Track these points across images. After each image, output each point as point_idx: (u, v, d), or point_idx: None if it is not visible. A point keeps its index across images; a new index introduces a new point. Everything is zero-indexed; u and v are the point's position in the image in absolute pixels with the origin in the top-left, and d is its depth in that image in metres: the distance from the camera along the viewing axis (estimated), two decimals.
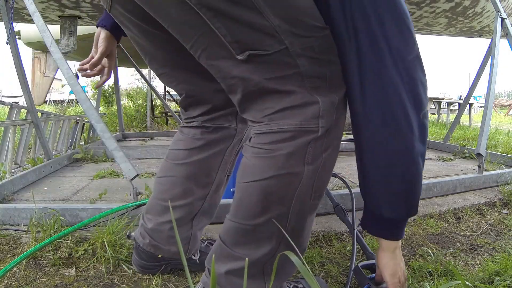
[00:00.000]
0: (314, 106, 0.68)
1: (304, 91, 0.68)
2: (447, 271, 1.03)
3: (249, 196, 0.71)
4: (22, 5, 2.64)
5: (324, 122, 0.69)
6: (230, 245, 0.75)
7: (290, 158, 0.68)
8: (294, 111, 0.68)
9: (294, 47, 0.66)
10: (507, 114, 13.99)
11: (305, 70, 0.67)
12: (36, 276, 1.02)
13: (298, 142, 0.68)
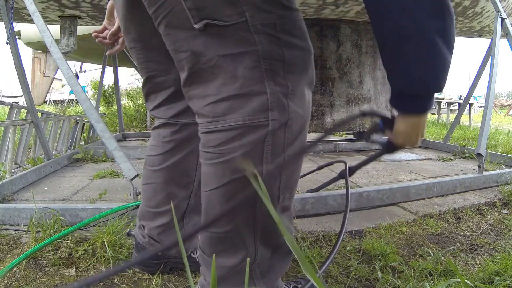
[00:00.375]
0: (262, 96, 0.63)
1: (254, 76, 0.63)
2: (447, 271, 1.03)
3: (212, 204, 0.69)
4: (22, 5, 2.64)
5: (275, 115, 0.63)
6: (209, 255, 0.74)
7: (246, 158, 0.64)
8: (238, 101, 0.63)
9: (254, 21, 0.62)
10: (507, 114, 13.99)
11: (262, 50, 0.63)
12: (36, 276, 1.02)
13: (249, 140, 0.63)
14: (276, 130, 0.64)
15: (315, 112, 3.44)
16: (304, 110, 0.69)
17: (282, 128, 0.64)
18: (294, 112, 0.66)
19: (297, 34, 0.67)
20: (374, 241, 1.22)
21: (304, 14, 3.22)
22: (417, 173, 2.37)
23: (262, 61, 0.63)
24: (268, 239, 0.72)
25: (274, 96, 0.63)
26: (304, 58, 0.68)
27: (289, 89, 0.65)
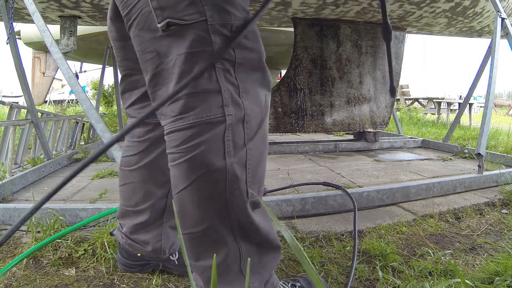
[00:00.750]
0: (216, 94, 0.65)
1: (208, 75, 0.66)
2: (447, 271, 1.03)
3: (185, 205, 0.70)
4: (22, 5, 2.64)
5: (231, 110, 0.66)
6: (193, 260, 0.73)
7: (209, 154, 0.65)
8: (195, 99, 0.65)
9: (213, 21, 0.65)
10: (507, 114, 13.99)
11: (216, 50, 0.66)
12: (36, 276, 1.02)
13: (209, 136, 0.65)
14: (234, 125, 0.66)
15: (315, 112, 3.44)
16: (261, 107, 0.72)
17: (240, 123, 0.67)
18: (250, 108, 0.68)
19: (250, 36, 0.70)
20: (374, 241, 1.22)
21: (304, 14, 3.22)
22: (417, 173, 2.37)
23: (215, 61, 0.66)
24: (249, 235, 0.72)
25: (228, 93, 0.66)
26: (255, 60, 0.71)
27: (240, 87, 0.68)
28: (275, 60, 6.97)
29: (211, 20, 0.65)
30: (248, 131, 0.68)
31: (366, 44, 3.58)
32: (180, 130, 0.66)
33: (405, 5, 2.95)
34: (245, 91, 0.69)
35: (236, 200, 0.68)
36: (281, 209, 1.51)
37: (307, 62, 3.39)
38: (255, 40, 0.71)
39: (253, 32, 0.71)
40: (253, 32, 0.71)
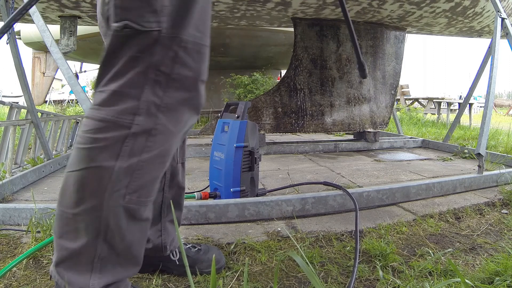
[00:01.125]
0: (133, 100, 0.68)
1: (137, 81, 0.68)
2: (447, 271, 1.03)
3: (68, 185, 0.72)
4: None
5: (140, 121, 0.68)
6: (56, 235, 0.75)
7: (104, 151, 0.68)
8: (114, 97, 0.68)
9: (167, 33, 0.67)
10: (507, 114, 13.99)
11: (156, 60, 0.68)
12: (36, 276, 1.02)
13: (111, 135, 0.68)
14: (138, 135, 0.68)
15: (315, 112, 3.44)
16: (177, 128, 0.73)
17: (144, 135, 0.69)
18: (163, 125, 0.70)
19: (194, 56, 0.72)
20: (374, 241, 1.22)
21: (304, 14, 3.22)
22: (417, 173, 2.37)
23: (151, 70, 0.68)
24: (113, 238, 0.73)
25: (145, 103, 0.68)
26: (190, 79, 0.72)
27: (164, 102, 0.70)
28: (275, 60, 6.98)
29: (166, 32, 0.67)
30: (150, 144, 0.70)
31: (366, 44, 3.58)
32: (91, 118, 0.69)
33: (405, 5, 2.95)
34: (167, 107, 0.70)
35: (113, 202, 0.70)
36: (281, 209, 1.51)
37: (307, 62, 3.39)
38: (198, 61, 0.73)
39: (199, 52, 0.72)
40: (199, 52, 0.72)
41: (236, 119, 1.58)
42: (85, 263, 0.73)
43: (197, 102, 0.76)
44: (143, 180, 0.72)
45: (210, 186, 1.66)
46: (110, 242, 0.73)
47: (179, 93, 0.72)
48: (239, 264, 1.11)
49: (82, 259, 0.73)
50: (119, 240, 0.74)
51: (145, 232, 0.78)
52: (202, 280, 1.01)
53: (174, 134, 0.74)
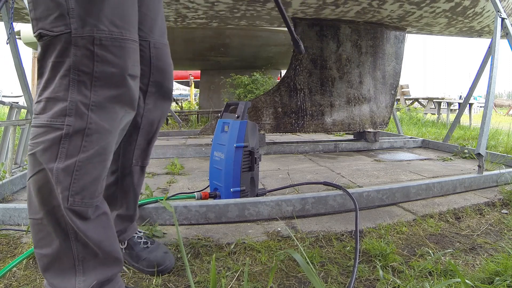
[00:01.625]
0: (63, 103, 0.71)
1: (63, 84, 0.71)
2: (447, 271, 1.03)
3: (30, 192, 0.76)
4: (22, 5, 2.64)
5: (70, 121, 0.71)
6: (35, 246, 0.78)
7: (44, 154, 0.72)
8: (48, 103, 0.72)
9: (77, 33, 0.70)
10: (507, 114, 13.99)
11: (74, 61, 0.71)
12: (36, 276, 1.02)
13: (49, 138, 0.71)
14: (72, 135, 0.71)
15: (315, 112, 3.44)
16: (112, 126, 0.75)
17: (79, 135, 0.72)
18: (96, 123, 0.73)
19: (115, 51, 0.73)
20: (374, 241, 1.22)
21: (304, 14, 3.22)
22: (417, 173, 2.37)
23: (72, 71, 0.71)
24: (81, 239, 0.75)
25: (73, 104, 0.71)
26: (115, 75, 0.74)
27: (91, 101, 0.72)
28: (275, 60, 6.97)
29: (75, 33, 0.70)
30: (86, 144, 0.72)
31: (366, 44, 3.58)
32: (34, 126, 0.74)
33: (405, 5, 2.95)
34: (97, 105, 0.72)
35: (63, 204, 0.72)
36: (281, 209, 1.51)
37: (307, 62, 3.39)
38: (120, 56, 0.74)
39: (119, 47, 0.74)
40: (119, 47, 0.74)
41: (236, 119, 1.58)
42: (68, 267, 0.75)
43: (128, 97, 0.78)
44: (83, 181, 0.73)
45: (210, 186, 1.66)
46: (82, 241, 0.75)
47: (106, 90, 0.73)
48: (239, 264, 1.11)
49: (63, 263, 0.75)
50: (86, 239, 0.75)
51: (107, 227, 0.80)
52: (202, 280, 1.01)
53: (110, 132, 0.76)
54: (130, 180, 1.04)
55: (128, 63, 0.75)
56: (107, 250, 0.78)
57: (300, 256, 0.37)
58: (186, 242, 1.26)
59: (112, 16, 0.73)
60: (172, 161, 2.54)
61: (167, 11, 3.12)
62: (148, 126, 1.00)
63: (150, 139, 1.03)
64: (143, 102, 0.97)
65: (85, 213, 0.74)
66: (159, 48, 0.97)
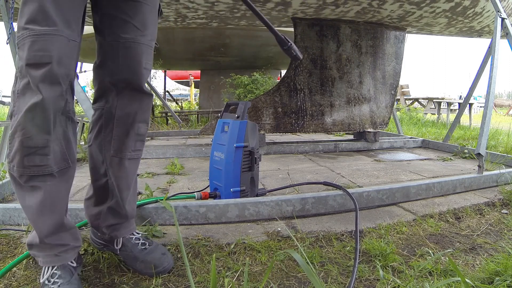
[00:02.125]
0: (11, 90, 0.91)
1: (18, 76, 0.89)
2: (447, 271, 1.03)
3: None
4: None
5: (12, 105, 0.90)
6: None
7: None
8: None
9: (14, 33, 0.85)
10: (507, 114, 13.99)
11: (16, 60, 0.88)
12: (36, 276, 1.02)
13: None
14: (12, 114, 0.90)
15: (315, 112, 3.44)
16: (26, 109, 0.88)
17: (14, 115, 0.89)
18: (18, 108, 0.89)
19: (26, 49, 0.84)
20: (374, 241, 1.22)
21: (304, 14, 3.22)
22: (417, 173, 2.37)
23: (16, 68, 0.89)
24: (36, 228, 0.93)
25: (12, 93, 0.91)
26: (22, 68, 0.86)
27: (17, 91, 0.89)
28: (275, 60, 6.97)
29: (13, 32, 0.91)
30: (14, 122, 0.89)
31: (366, 44, 3.58)
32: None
33: (405, 5, 2.95)
34: (19, 94, 0.89)
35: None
36: (281, 209, 1.51)
37: (307, 62, 3.39)
38: (29, 56, 0.84)
39: (30, 45, 0.84)
40: (30, 45, 0.84)
41: (236, 119, 1.57)
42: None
43: (29, 87, 0.87)
44: (12, 151, 0.90)
45: (210, 186, 1.66)
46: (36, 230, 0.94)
47: (21, 81, 0.87)
48: (239, 264, 1.11)
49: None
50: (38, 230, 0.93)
51: (34, 201, 0.91)
52: (202, 280, 1.01)
53: (21, 116, 0.87)
54: (112, 171, 1.06)
55: (35, 60, 0.85)
56: (30, 219, 0.94)
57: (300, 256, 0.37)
58: (186, 242, 1.26)
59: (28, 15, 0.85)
60: (172, 161, 2.54)
61: (167, 11, 3.12)
62: (124, 118, 1.05)
63: (127, 130, 1.06)
64: (116, 96, 1.03)
65: (18, 181, 0.91)
66: (129, 48, 1.01)
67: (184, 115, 6.90)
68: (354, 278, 0.97)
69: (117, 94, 1.03)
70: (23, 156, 0.88)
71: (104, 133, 1.06)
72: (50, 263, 0.93)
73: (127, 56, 1.01)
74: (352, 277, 0.97)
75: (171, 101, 9.83)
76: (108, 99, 1.04)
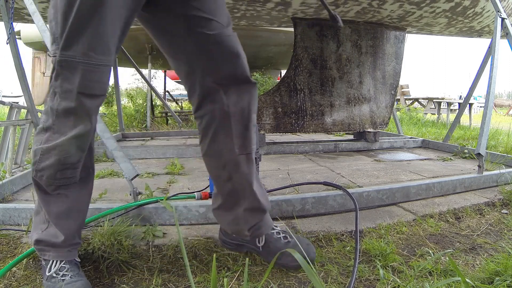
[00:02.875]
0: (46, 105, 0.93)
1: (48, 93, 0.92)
2: (447, 271, 1.03)
3: None
4: (22, 5, 2.64)
5: (44, 119, 0.93)
6: None
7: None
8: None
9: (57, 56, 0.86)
10: (507, 114, 13.99)
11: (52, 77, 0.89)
12: (36, 276, 1.02)
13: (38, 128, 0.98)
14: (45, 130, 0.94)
15: (315, 112, 3.44)
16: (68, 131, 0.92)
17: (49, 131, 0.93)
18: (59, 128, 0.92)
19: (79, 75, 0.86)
20: (374, 241, 1.22)
21: (304, 14, 3.22)
22: (417, 173, 2.37)
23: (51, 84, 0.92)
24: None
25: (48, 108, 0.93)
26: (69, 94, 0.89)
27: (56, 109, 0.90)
28: (275, 60, 6.98)
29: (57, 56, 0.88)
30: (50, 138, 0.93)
31: (366, 44, 3.58)
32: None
33: (405, 5, 2.95)
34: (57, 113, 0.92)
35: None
36: (281, 209, 1.51)
37: (307, 62, 3.39)
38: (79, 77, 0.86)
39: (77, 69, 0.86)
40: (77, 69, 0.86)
41: None
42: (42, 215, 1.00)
43: (80, 112, 0.89)
44: (43, 163, 0.93)
45: (210, 186, 1.66)
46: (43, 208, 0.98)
47: (64, 102, 0.88)
48: (239, 264, 1.11)
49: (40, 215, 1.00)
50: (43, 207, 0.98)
51: (61, 208, 0.96)
52: (202, 280, 1.01)
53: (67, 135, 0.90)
54: (240, 171, 1.05)
55: (85, 83, 0.86)
56: (52, 222, 0.97)
57: (300, 256, 0.37)
58: (186, 242, 1.26)
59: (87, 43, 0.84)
60: (172, 161, 2.54)
61: None
62: (240, 112, 1.02)
63: (246, 124, 1.04)
64: (225, 93, 1.00)
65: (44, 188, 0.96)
66: (220, 43, 0.97)
67: (184, 115, 6.90)
68: (354, 278, 0.97)
69: (225, 91, 1.00)
70: (57, 171, 0.94)
71: (223, 135, 1.03)
72: (61, 258, 0.96)
73: (223, 51, 0.97)
74: (352, 277, 0.97)
75: (171, 101, 9.81)
76: (215, 100, 1.00)
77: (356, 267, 1.02)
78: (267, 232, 1.11)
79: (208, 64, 0.98)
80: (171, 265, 1.11)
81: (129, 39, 5.73)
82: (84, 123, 0.90)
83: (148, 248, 1.20)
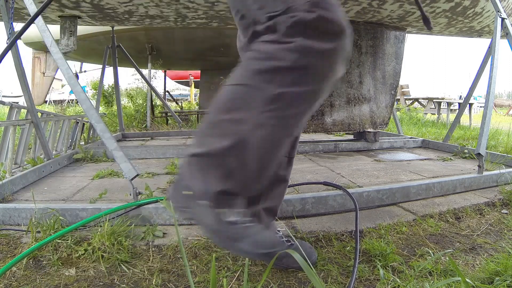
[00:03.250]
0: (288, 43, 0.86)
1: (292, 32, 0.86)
2: (447, 271, 1.03)
3: (223, 95, 0.86)
4: (22, 5, 2.64)
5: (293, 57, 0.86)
6: (204, 134, 0.86)
7: (260, 75, 0.85)
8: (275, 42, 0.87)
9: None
10: (507, 114, 13.99)
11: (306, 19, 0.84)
12: (36, 276, 1.02)
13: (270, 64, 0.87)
14: (291, 69, 0.87)
15: (315, 112, 3.44)
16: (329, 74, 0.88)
17: (296, 71, 0.85)
18: (315, 66, 0.86)
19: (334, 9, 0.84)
20: (374, 241, 1.22)
21: None
22: (417, 173, 2.37)
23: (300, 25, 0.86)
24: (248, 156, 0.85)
25: (297, 46, 0.87)
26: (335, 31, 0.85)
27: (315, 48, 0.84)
28: None
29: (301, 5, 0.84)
30: (300, 80, 0.86)
31: (366, 44, 3.58)
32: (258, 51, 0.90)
33: (405, 5, 2.95)
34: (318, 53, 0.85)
35: (258, 120, 0.84)
36: (281, 209, 1.51)
37: None
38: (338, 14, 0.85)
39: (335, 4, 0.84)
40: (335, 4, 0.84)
41: None
42: (215, 165, 0.83)
43: (342, 53, 0.83)
44: (287, 112, 0.81)
45: None
46: (243, 156, 0.82)
47: (327, 43, 0.80)
48: (239, 264, 1.11)
49: (214, 161, 0.83)
50: (252, 157, 0.82)
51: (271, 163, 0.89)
52: (202, 280, 1.01)
53: (326, 79, 0.82)
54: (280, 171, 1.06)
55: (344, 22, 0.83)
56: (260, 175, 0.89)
57: (300, 256, 0.37)
58: (186, 242, 1.26)
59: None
60: (172, 161, 2.54)
61: (167, 11, 3.12)
62: None
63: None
64: None
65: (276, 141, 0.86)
66: None
67: (184, 115, 6.90)
68: (354, 278, 0.97)
69: None
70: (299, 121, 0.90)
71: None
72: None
73: None
74: (352, 277, 0.97)
75: (171, 101, 9.82)
76: None
77: (356, 267, 1.02)
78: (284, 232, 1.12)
79: None
80: (171, 265, 1.11)
81: (129, 39, 5.74)
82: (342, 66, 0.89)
83: (148, 248, 1.20)
